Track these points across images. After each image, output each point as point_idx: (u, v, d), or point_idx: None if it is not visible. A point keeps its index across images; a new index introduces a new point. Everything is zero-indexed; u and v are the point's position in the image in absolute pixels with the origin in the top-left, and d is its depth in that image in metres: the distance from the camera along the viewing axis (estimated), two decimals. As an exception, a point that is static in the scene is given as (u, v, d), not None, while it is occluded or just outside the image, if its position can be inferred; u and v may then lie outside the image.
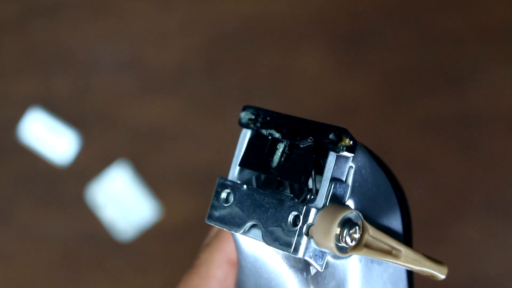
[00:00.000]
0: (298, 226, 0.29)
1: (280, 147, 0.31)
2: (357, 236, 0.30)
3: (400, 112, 0.86)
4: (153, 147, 0.89)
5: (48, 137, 0.89)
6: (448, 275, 0.39)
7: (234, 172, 0.32)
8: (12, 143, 0.89)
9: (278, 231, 0.30)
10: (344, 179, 0.30)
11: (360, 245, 0.30)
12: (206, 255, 0.36)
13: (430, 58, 0.87)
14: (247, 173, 0.32)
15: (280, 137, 0.30)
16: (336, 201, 0.30)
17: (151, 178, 0.88)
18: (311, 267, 0.30)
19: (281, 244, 0.29)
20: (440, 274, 0.33)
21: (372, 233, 0.30)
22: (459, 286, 0.83)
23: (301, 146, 0.30)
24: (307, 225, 0.29)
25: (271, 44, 0.89)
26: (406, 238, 0.34)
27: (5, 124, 0.90)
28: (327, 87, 0.88)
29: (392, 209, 0.33)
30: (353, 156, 0.30)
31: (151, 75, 0.89)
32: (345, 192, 0.30)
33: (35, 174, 0.89)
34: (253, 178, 0.32)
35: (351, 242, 0.29)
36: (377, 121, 0.87)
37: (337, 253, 0.29)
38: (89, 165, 0.89)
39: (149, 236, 0.87)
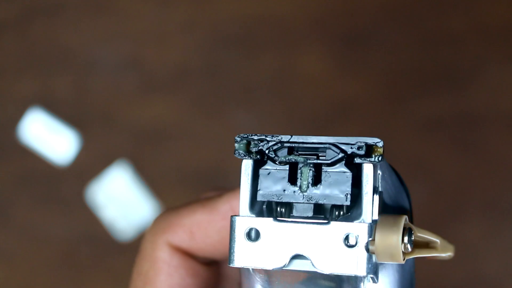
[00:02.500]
0: (358, 245, 0.28)
1: (305, 170, 0.29)
2: (412, 239, 0.29)
3: (400, 112, 0.86)
4: (153, 147, 0.89)
5: (48, 137, 0.89)
6: (448, 275, 0.39)
7: (246, 208, 0.30)
8: (12, 143, 0.89)
9: (331, 255, 0.28)
10: (377, 186, 0.29)
11: (412, 247, 0.30)
12: (150, 237, 0.36)
13: (430, 58, 0.87)
14: (258, 207, 0.30)
15: (305, 161, 0.29)
16: (381, 210, 0.29)
17: (151, 178, 0.88)
18: (361, 284, 0.29)
19: (341, 268, 0.28)
20: (453, 253, 0.33)
21: (417, 232, 0.30)
22: (459, 286, 0.83)
23: (329, 164, 0.29)
24: (366, 242, 0.28)
25: (271, 44, 0.89)
26: None
27: (5, 124, 0.90)
28: (327, 87, 0.88)
29: (405, 203, 0.33)
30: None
31: (151, 75, 0.89)
32: (380, 199, 0.29)
33: (35, 174, 0.89)
34: (264, 209, 0.30)
35: (410, 247, 0.29)
36: (377, 121, 0.87)
37: (401, 262, 0.29)
38: (89, 165, 0.89)
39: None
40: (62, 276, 0.88)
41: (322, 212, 0.30)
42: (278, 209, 0.30)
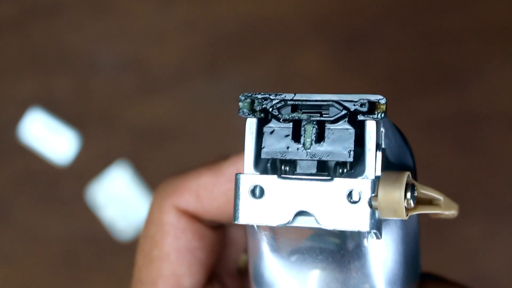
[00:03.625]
0: (361, 201, 0.28)
1: (309, 128, 0.29)
2: (416, 195, 0.29)
3: (400, 112, 0.86)
4: (153, 147, 0.89)
5: (48, 137, 0.89)
6: (448, 274, 0.39)
7: (251, 166, 0.30)
8: (12, 143, 0.89)
9: (335, 211, 0.28)
10: (381, 143, 0.30)
11: (415, 204, 0.30)
12: (157, 201, 0.36)
13: (430, 58, 0.87)
14: (262, 165, 0.30)
15: (308, 118, 0.29)
16: (383, 167, 0.29)
17: (151, 178, 0.88)
18: (365, 240, 0.30)
19: (345, 223, 0.28)
20: (457, 212, 0.33)
21: (420, 189, 0.30)
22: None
23: (332, 121, 0.29)
24: (369, 198, 0.28)
25: (271, 44, 0.89)
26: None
27: (5, 124, 0.90)
28: (327, 87, 0.88)
29: (409, 162, 0.33)
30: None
31: (151, 75, 0.89)
32: (383, 156, 0.29)
33: (35, 174, 0.89)
34: (269, 167, 0.30)
35: (413, 203, 0.29)
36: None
37: (405, 218, 0.29)
38: (89, 165, 0.89)
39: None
40: (62, 276, 0.88)
41: (326, 169, 0.30)
42: (282, 166, 0.30)
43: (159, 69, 0.89)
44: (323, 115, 0.29)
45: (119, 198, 0.88)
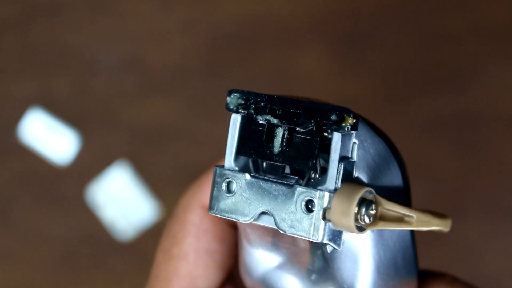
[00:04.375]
0: (314, 211, 0.29)
1: (279, 132, 0.30)
2: (373, 212, 0.30)
3: (399, 112, 0.86)
4: (153, 147, 0.89)
5: (48, 137, 0.89)
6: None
7: (230, 160, 0.31)
8: (12, 143, 0.89)
9: (292, 217, 0.29)
10: (349, 156, 0.30)
11: (376, 220, 0.30)
12: (183, 202, 0.37)
13: (430, 58, 0.87)
14: (243, 160, 0.31)
15: (279, 123, 0.30)
16: (346, 179, 0.30)
17: (151, 178, 0.88)
18: (327, 247, 0.30)
19: (299, 231, 0.29)
20: (446, 228, 0.33)
21: (385, 205, 0.30)
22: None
23: (301, 129, 0.30)
24: (323, 209, 0.29)
25: (271, 44, 0.89)
26: (407, 199, 0.34)
27: (5, 124, 0.90)
28: (327, 87, 0.88)
29: (393, 173, 0.33)
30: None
31: (151, 75, 0.89)
32: (352, 169, 0.30)
33: (35, 174, 0.89)
34: (250, 163, 0.31)
35: (369, 219, 0.29)
36: (377, 121, 0.86)
37: (357, 233, 0.29)
38: (89, 165, 0.89)
39: (149, 236, 0.87)
40: (62, 276, 0.88)
41: (296, 174, 0.31)
42: (254, 165, 0.31)
43: (159, 69, 0.89)
44: (297, 121, 0.30)
45: (119, 198, 0.88)
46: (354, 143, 0.30)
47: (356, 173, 0.30)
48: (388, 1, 0.88)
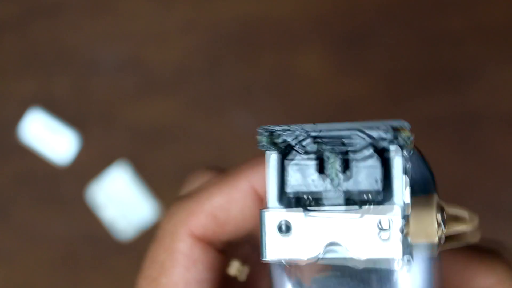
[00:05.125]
0: (391, 228, 0.28)
1: (333, 159, 0.29)
2: (445, 217, 0.29)
3: (399, 112, 0.86)
4: (153, 147, 0.89)
5: (48, 137, 0.89)
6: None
7: (274, 201, 0.29)
8: (12, 143, 0.89)
9: (366, 241, 0.28)
10: (408, 169, 0.29)
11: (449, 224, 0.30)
12: (169, 227, 0.35)
13: (430, 58, 0.87)
14: (286, 198, 0.30)
15: (333, 151, 0.29)
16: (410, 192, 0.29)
17: (151, 178, 0.88)
18: (395, 263, 0.29)
19: (377, 252, 0.28)
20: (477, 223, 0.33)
21: (447, 209, 0.30)
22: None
23: (357, 151, 0.29)
24: (401, 224, 0.28)
25: (271, 44, 0.89)
26: None
27: (5, 124, 0.90)
28: (327, 87, 0.88)
29: (429, 182, 0.33)
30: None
31: (151, 75, 0.89)
32: (410, 181, 0.29)
33: (35, 174, 0.89)
34: (293, 201, 0.30)
35: (444, 225, 0.29)
36: (377, 121, 0.87)
37: (436, 241, 0.29)
38: (89, 165, 0.89)
39: (149, 236, 0.87)
40: (62, 276, 0.88)
41: (353, 200, 0.29)
42: (308, 200, 0.30)
43: (159, 69, 0.89)
44: (347, 144, 0.29)
45: (119, 198, 0.88)
46: (406, 155, 0.29)
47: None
48: (388, 1, 0.88)
